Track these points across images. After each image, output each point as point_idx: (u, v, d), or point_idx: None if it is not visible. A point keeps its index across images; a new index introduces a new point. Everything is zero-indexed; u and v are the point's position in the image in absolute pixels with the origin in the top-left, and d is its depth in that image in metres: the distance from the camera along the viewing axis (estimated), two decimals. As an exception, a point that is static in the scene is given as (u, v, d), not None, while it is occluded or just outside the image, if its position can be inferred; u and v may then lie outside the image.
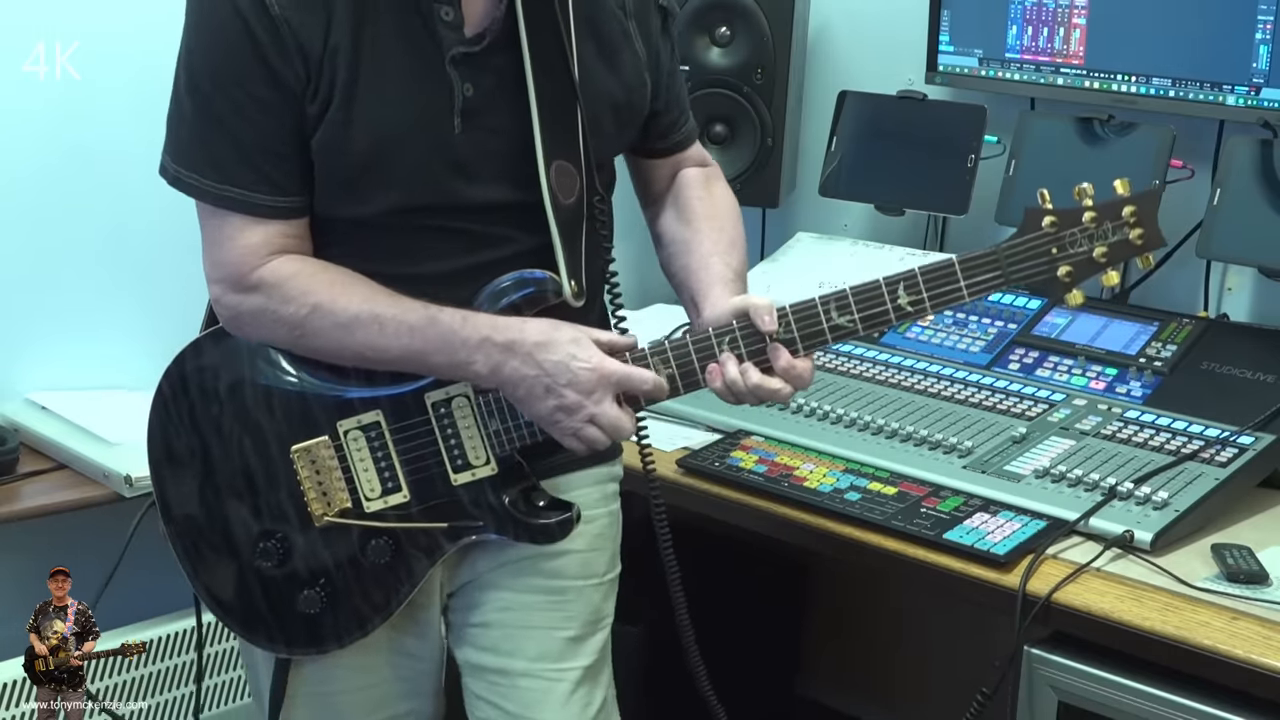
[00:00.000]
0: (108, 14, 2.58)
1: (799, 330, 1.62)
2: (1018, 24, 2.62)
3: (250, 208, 1.60)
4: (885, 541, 1.93)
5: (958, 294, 1.61)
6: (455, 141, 1.61)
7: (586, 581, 1.79)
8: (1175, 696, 1.70)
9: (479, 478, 1.67)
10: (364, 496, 1.67)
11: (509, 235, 1.65)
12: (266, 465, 1.68)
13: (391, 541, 1.68)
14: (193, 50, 1.59)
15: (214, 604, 1.74)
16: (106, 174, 2.63)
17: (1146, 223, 1.60)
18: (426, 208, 1.63)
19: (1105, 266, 1.61)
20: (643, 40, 1.74)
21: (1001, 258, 1.60)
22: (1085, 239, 1.60)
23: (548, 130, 1.63)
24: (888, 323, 1.62)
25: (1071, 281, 1.61)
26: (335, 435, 1.67)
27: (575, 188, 1.67)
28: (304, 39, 1.55)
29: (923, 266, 1.61)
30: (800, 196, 2.98)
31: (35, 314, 2.62)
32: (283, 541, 1.69)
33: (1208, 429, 2.07)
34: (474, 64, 1.61)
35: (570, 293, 1.64)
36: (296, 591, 1.69)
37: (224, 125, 1.58)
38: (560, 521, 1.69)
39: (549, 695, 1.76)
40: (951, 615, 2.66)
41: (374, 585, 1.70)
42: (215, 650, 2.63)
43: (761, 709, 2.83)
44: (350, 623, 1.71)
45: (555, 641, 1.77)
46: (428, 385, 1.66)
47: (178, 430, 1.71)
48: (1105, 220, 1.59)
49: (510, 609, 1.76)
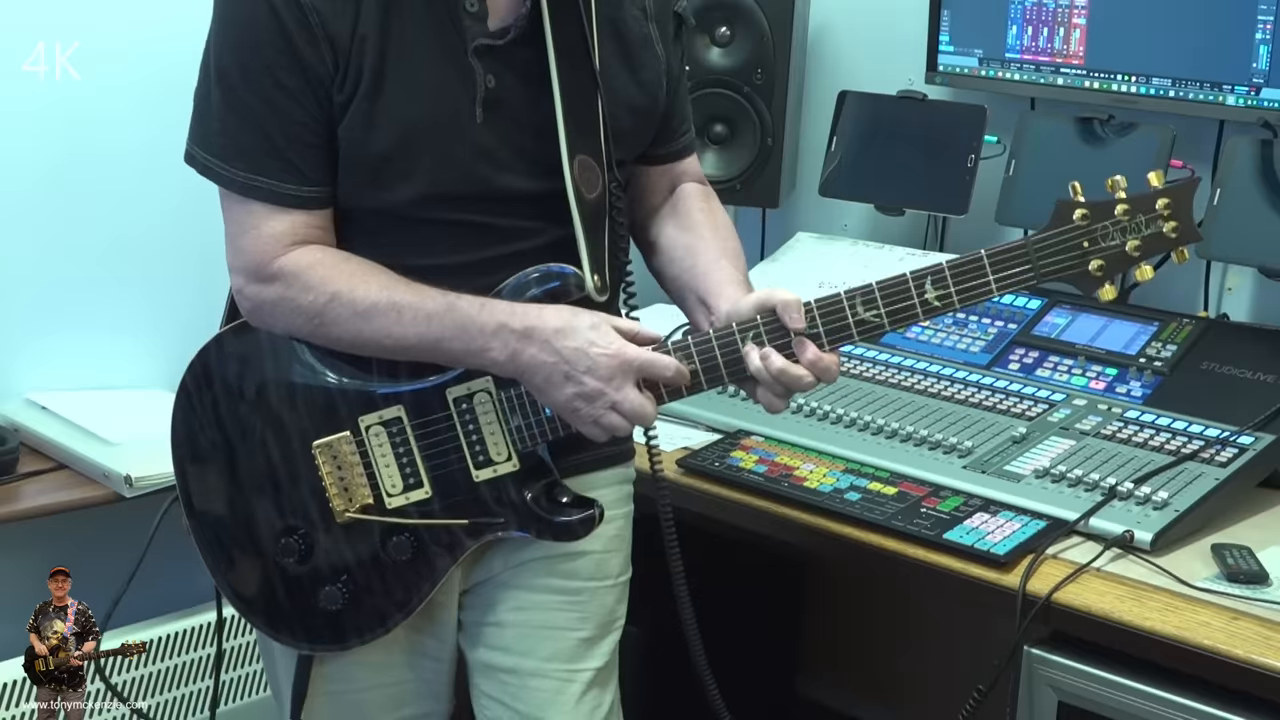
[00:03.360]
0: (108, 14, 2.58)
1: (824, 325, 1.60)
2: (1018, 24, 2.62)
3: (276, 197, 1.61)
4: (885, 541, 1.93)
5: (986, 288, 1.58)
6: (478, 131, 1.61)
7: (601, 583, 1.79)
8: (1175, 696, 1.70)
9: (501, 474, 1.67)
10: (386, 492, 1.67)
11: (531, 228, 1.66)
12: (289, 460, 1.68)
13: (413, 538, 1.68)
14: (221, 39, 1.60)
15: (237, 600, 1.75)
16: (107, 174, 2.63)
17: (1181, 215, 1.57)
18: (450, 197, 1.63)
19: (1139, 260, 1.58)
20: (662, 44, 1.75)
21: (1031, 251, 1.58)
22: (1118, 232, 1.57)
23: (571, 125, 1.63)
24: (915, 318, 1.60)
25: (1104, 275, 1.58)
26: (357, 430, 1.67)
27: (598, 182, 1.67)
28: (332, 28, 1.56)
29: (950, 260, 1.59)
30: (800, 196, 2.98)
31: (35, 314, 2.63)
32: (305, 538, 1.69)
33: (1208, 429, 2.07)
34: (497, 56, 1.61)
35: (593, 287, 1.64)
36: (319, 588, 1.70)
37: (252, 114, 1.59)
38: (583, 519, 1.69)
39: (560, 696, 1.76)
40: (951, 615, 2.66)
41: (396, 582, 1.70)
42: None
43: (762, 709, 2.83)
44: (372, 619, 1.71)
45: (569, 642, 1.77)
46: (450, 380, 1.65)
47: (201, 425, 1.71)
48: (1138, 213, 1.57)
49: (525, 609, 1.76)
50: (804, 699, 2.97)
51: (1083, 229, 1.57)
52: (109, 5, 2.59)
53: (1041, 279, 1.58)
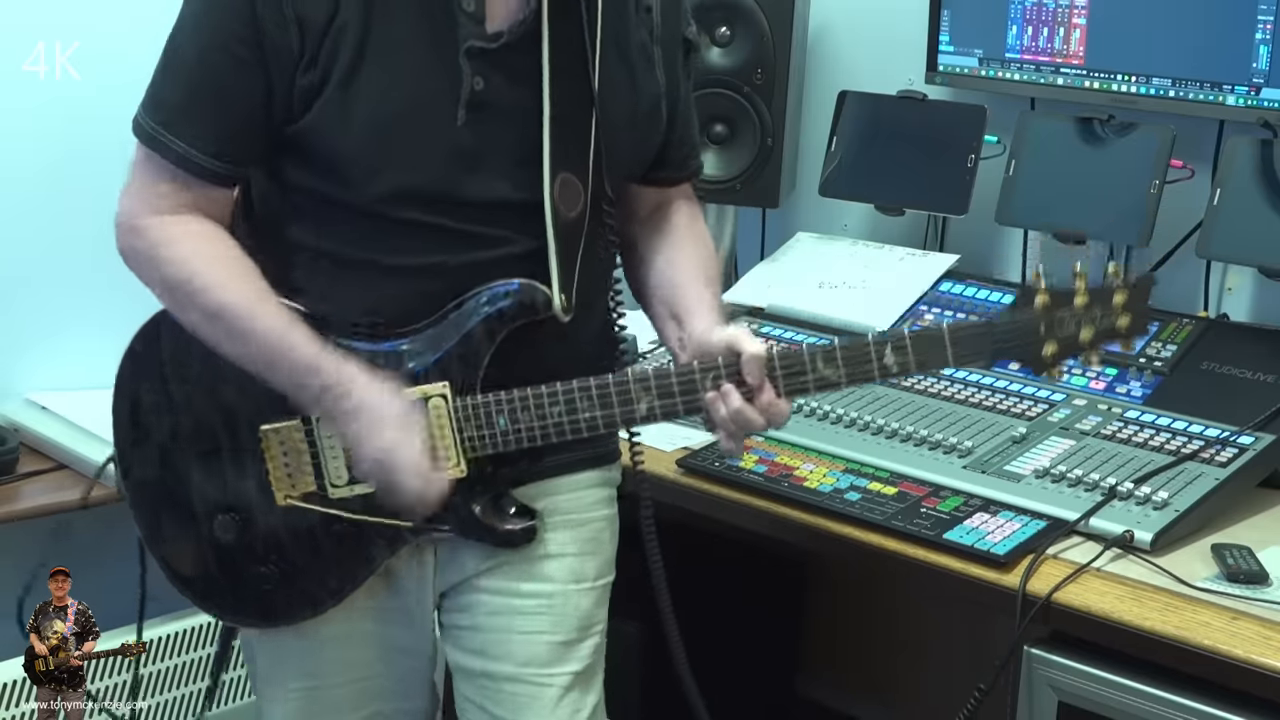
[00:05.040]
0: (108, 14, 2.58)
1: (783, 374, 1.62)
2: (1018, 24, 2.62)
3: (179, 159, 1.60)
4: (885, 541, 1.93)
5: (943, 361, 1.64)
6: (457, 133, 1.59)
7: (577, 586, 1.78)
8: (1175, 696, 1.70)
9: (448, 479, 1.66)
10: (330, 483, 1.67)
11: (503, 236, 1.64)
12: (234, 439, 1.68)
13: (353, 528, 1.68)
14: (190, 1, 1.60)
15: (168, 569, 1.75)
16: (106, 174, 2.59)
17: (1136, 309, 1.63)
18: (420, 198, 1.61)
19: (1089, 349, 1.64)
20: (664, 68, 1.73)
21: (994, 333, 1.63)
22: (1073, 322, 1.62)
23: (558, 141, 1.62)
24: (871, 379, 1.64)
25: (1054, 361, 1.64)
26: (308, 419, 1.66)
27: (579, 202, 1.65)
28: (305, 10, 1.54)
29: (913, 331, 1.62)
30: (800, 196, 2.98)
31: (35, 314, 2.63)
32: (242, 515, 1.69)
33: (1208, 429, 2.07)
34: (489, 59, 1.60)
35: (559, 307, 1.64)
36: (251, 566, 1.70)
37: (188, 71, 1.59)
38: (524, 529, 1.70)
39: (536, 701, 1.75)
40: (951, 615, 2.66)
41: (331, 569, 1.70)
42: (212, 651, 2.64)
43: (761, 709, 2.83)
44: (302, 602, 1.71)
45: (543, 646, 1.76)
46: (405, 380, 1.64)
47: (147, 389, 1.70)
48: (1095, 305, 1.62)
49: (498, 613, 1.76)
50: (803, 699, 2.97)
51: (1041, 315, 1.62)
52: (109, 5, 2.59)
53: (996, 358, 1.65)
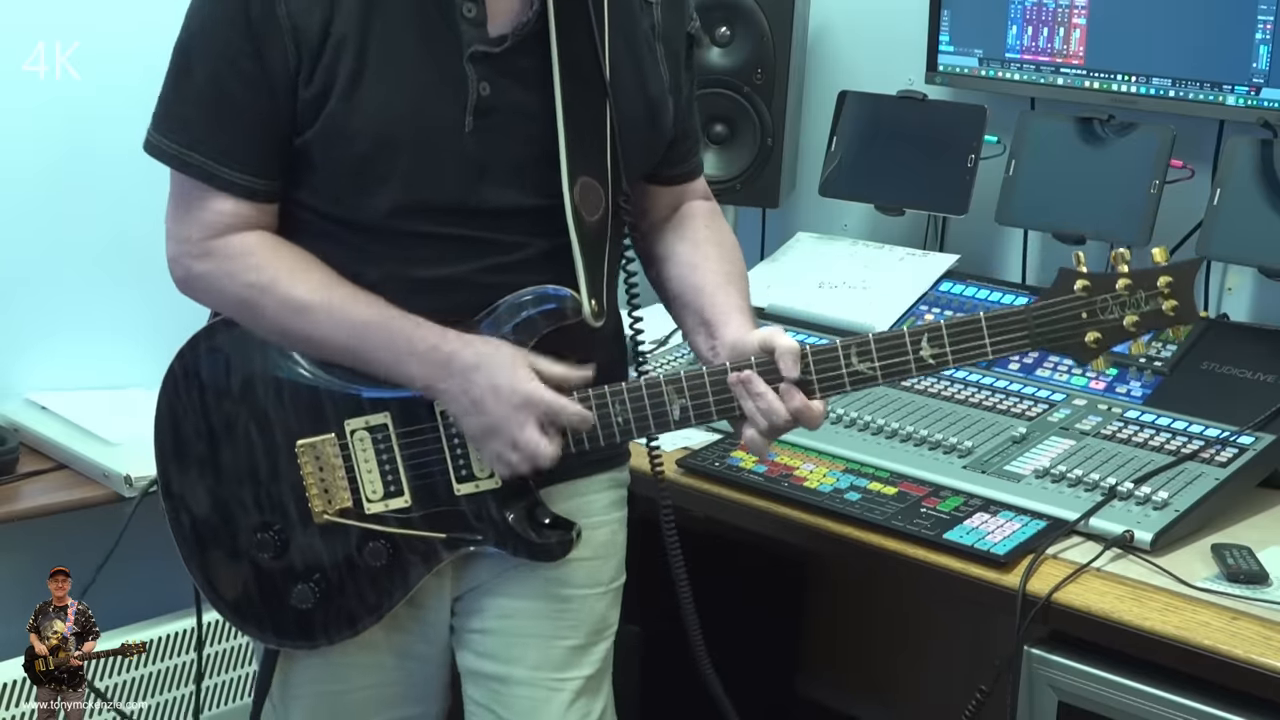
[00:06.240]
0: (108, 14, 2.59)
1: (817, 373, 1.60)
2: (1018, 24, 2.62)
3: (209, 178, 1.60)
4: (885, 541, 1.93)
5: (981, 351, 1.59)
6: (466, 141, 1.58)
7: (592, 590, 1.78)
8: (1175, 696, 1.70)
9: (482, 489, 1.66)
10: (365, 497, 1.67)
11: (519, 241, 1.63)
12: (271, 456, 1.68)
13: (389, 545, 1.68)
14: (190, 17, 1.60)
15: (207, 588, 1.74)
16: (106, 174, 2.63)
17: (1182, 295, 1.56)
18: (431, 208, 1.60)
19: (1135, 335, 1.58)
20: (668, 63, 1.73)
21: (1030, 319, 1.58)
22: (1117, 306, 1.57)
23: (574, 143, 1.61)
24: (908, 373, 1.60)
25: (1099, 349, 1.58)
26: (342, 434, 1.66)
27: (600, 203, 1.64)
28: (302, 22, 1.54)
29: (949, 320, 1.59)
30: (800, 196, 2.98)
31: (35, 314, 2.63)
32: (281, 534, 1.68)
33: (1208, 429, 2.07)
34: (494, 64, 1.58)
35: (590, 312, 1.62)
36: (290, 585, 1.69)
37: (200, 93, 1.58)
38: (561, 541, 1.69)
39: (548, 705, 1.75)
40: (951, 615, 2.66)
41: (368, 586, 1.69)
42: (215, 650, 2.63)
43: (761, 709, 2.83)
44: (341, 620, 1.70)
45: (557, 650, 1.76)
46: None
47: (186, 412, 1.70)
48: (1139, 289, 1.56)
49: (512, 616, 1.75)
50: (804, 699, 2.97)
51: (1083, 300, 1.57)
52: (109, 5, 2.59)
53: (1036, 346, 1.59)
